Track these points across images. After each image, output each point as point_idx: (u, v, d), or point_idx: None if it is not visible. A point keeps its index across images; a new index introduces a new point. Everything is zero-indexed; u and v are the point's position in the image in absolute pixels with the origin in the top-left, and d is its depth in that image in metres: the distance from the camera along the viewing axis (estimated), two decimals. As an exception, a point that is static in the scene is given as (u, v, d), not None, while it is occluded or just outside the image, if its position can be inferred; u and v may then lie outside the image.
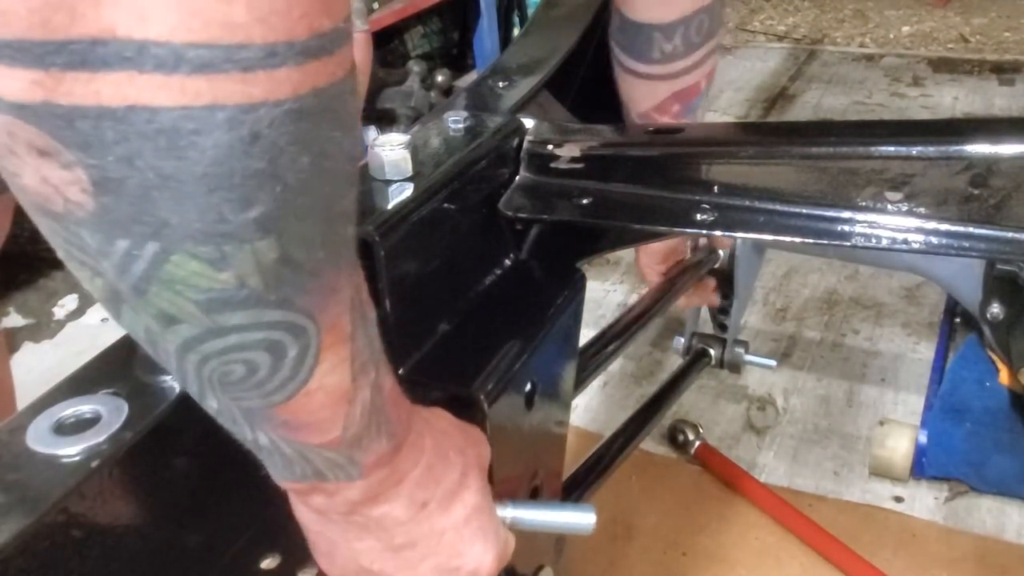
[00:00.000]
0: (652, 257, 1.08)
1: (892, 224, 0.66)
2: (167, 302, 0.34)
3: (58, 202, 0.31)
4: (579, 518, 0.62)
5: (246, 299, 0.34)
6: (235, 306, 0.34)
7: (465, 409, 0.63)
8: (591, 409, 1.82)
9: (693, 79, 0.86)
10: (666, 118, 0.89)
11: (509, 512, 0.60)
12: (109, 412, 0.45)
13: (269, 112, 0.30)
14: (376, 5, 2.76)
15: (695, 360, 1.52)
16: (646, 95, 0.89)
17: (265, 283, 0.34)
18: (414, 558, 0.53)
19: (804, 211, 0.68)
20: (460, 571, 0.55)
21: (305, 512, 0.51)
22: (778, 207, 0.69)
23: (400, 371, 0.64)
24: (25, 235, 0.88)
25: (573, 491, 0.92)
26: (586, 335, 0.86)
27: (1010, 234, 0.63)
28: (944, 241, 0.64)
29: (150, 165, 0.30)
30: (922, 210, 0.65)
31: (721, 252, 1.28)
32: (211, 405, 0.40)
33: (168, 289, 0.33)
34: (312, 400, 0.40)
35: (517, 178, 0.78)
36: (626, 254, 2.03)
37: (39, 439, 0.44)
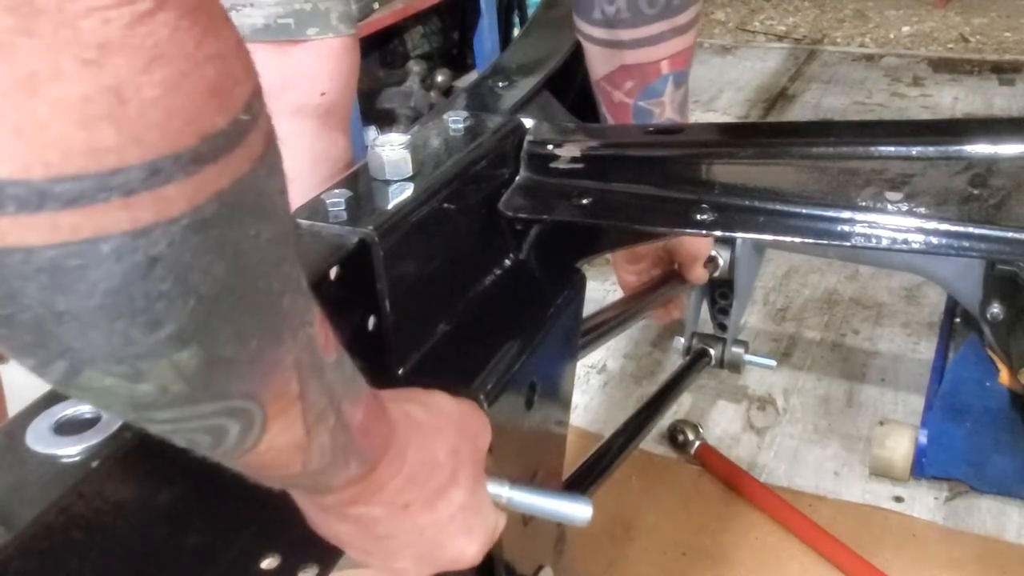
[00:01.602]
0: (622, 257, 1.07)
1: (892, 224, 0.66)
2: (92, 402, 0.33)
3: None
4: (575, 509, 0.61)
5: (173, 401, 0.32)
6: (162, 407, 0.32)
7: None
8: (591, 409, 1.82)
9: (646, 56, 0.83)
10: (619, 93, 0.87)
11: (505, 492, 0.60)
12: (109, 412, 0.45)
13: (164, 232, 0.27)
14: (376, 5, 2.76)
15: (695, 360, 1.52)
16: (596, 62, 0.87)
17: (191, 387, 0.32)
18: (394, 546, 0.53)
19: (804, 211, 0.68)
20: (440, 560, 0.55)
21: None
22: (778, 207, 0.69)
23: (400, 371, 0.64)
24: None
25: (573, 491, 0.92)
26: (586, 335, 0.86)
27: (1010, 234, 0.63)
28: (944, 241, 0.64)
29: (38, 302, 0.27)
30: (922, 210, 0.65)
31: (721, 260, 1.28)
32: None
33: (89, 395, 0.31)
34: (264, 456, 0.39)
35: (517, 178, 0.78)
36: (626, 254, 2.02)
37: (39, 439, 0.44)
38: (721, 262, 1.37)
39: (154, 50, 0.25)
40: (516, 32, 3.27)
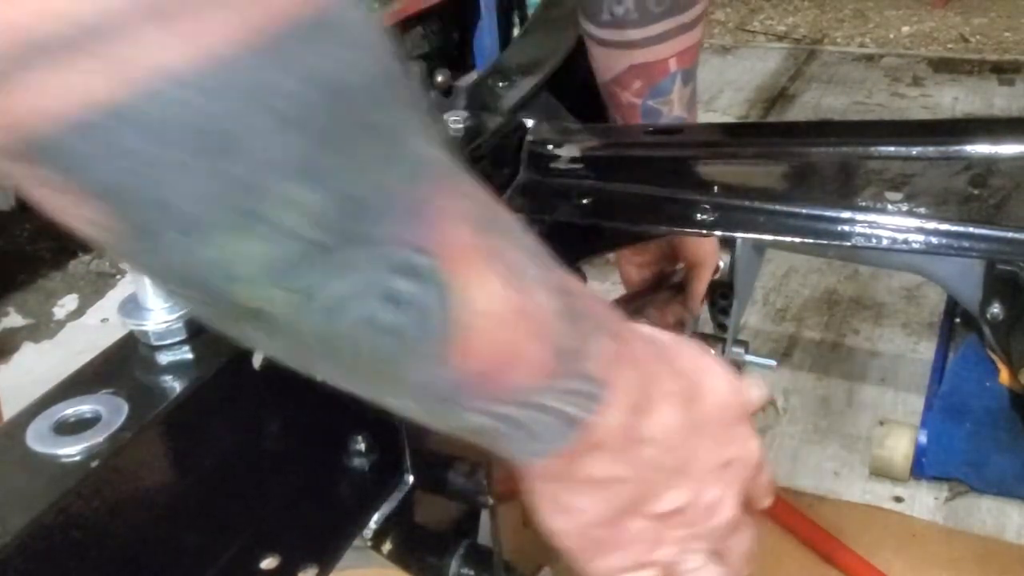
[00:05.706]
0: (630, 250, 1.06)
1: (892, 224, 0.66)
2: (218, 289, 0.31)
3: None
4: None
5: (316, 256, 0.30)
6: (307, 268, 0.30)
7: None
8: (591, 409, 1.82)
9: (655, 55, 0.83)
10: (627, 94, 0.86)
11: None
12: (109, 412, 0.45)
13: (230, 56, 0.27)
14: (376, 6, 2.76)
15: (695, 360, 1.52)
16: (604, 64, 0.87)
17: (329, 232, 0.30)
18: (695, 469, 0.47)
19: (804, 211, 0.68)
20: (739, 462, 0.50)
21: (574, 493, 0.45)
22: (778, 207, 0.69)
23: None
24: (24, 235, 0.87)
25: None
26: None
27: (1010, 234, 0.63)
28: (944, 241, 0.64)
29: (141, 163, 0.27)
30: (922, 210, 0.65)
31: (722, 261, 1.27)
32: (408, 407, 0.38)
33: (217, 273, 0.30)
34: (479, 332, 0.35)
35: (517, 178, 0.78)
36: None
37: (39, 439, 0.44)
38: (722, 265, 1.37)
39: None
40: (516, 32, 3.27)
